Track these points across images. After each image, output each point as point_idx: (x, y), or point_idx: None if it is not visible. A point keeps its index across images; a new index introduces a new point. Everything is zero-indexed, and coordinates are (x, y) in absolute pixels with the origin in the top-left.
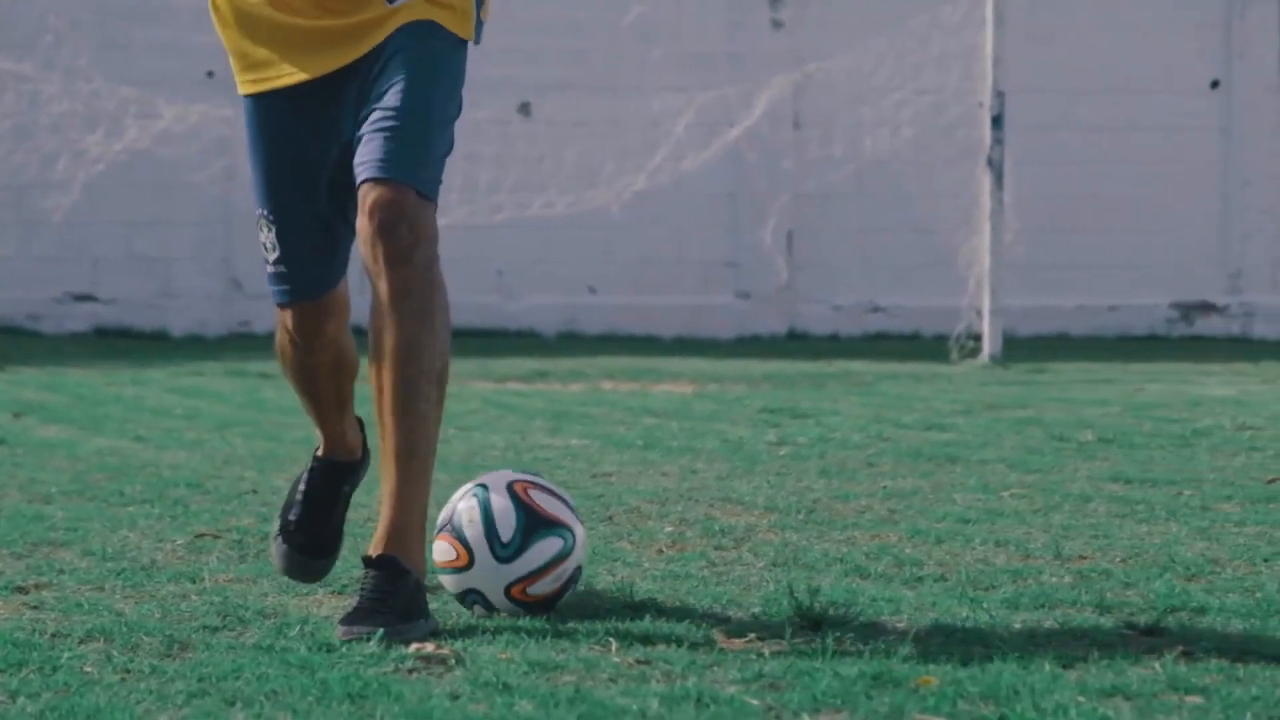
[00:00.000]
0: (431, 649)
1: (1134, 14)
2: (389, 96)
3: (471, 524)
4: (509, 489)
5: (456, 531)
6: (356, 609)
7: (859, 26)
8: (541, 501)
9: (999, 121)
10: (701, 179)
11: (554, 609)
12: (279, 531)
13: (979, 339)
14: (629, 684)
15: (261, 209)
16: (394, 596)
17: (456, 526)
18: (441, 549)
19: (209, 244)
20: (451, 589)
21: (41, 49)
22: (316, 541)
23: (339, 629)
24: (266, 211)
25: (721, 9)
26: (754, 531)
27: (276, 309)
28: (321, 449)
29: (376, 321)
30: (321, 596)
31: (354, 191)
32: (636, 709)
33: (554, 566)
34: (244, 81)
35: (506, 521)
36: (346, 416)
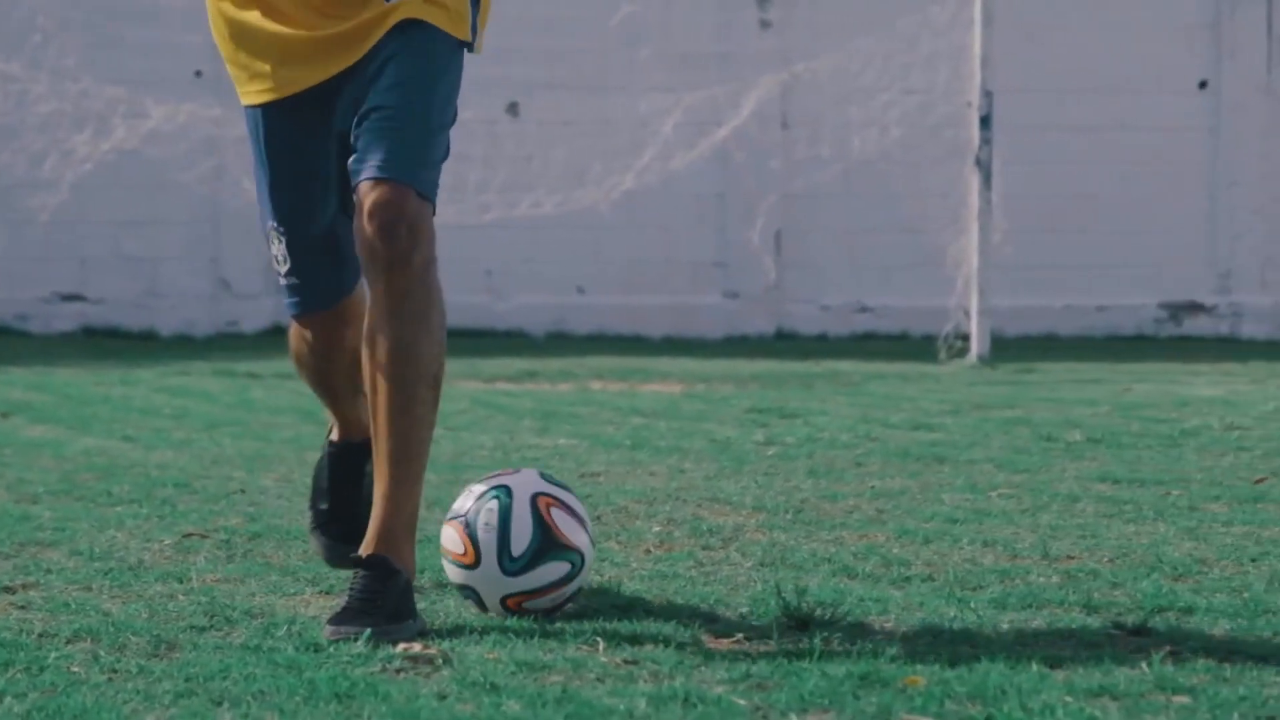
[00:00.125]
0: (419, 649)
1: (1123, 14)
2: (388, 97)
3: (487, 528)
4: (533, 502)
5: (470, 529)
6: (345, 609)
7: (847, 27)
8: (560, 523)
9: (987, 121)
10: (689, 179)
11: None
12: (314, 525)
13: (967, 339)
14: (616, 684)
15: (271, 221)
16: (383, 596)
17: (471, 524)
18: (451, 539)
19: (197, 244)
20: (450, 577)
21: (29, 48)
22: (352, 527)
23: (327, 629)
24: (275, 223)
25: (709, 9)
26: (742, 531)
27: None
28: (336, 434)
29: (373, 322)
30: (309, 596)
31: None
32: (624, 709)
33: (555, 589)
34: (245, 93)
35: (522, 537)
36: (360, 398)
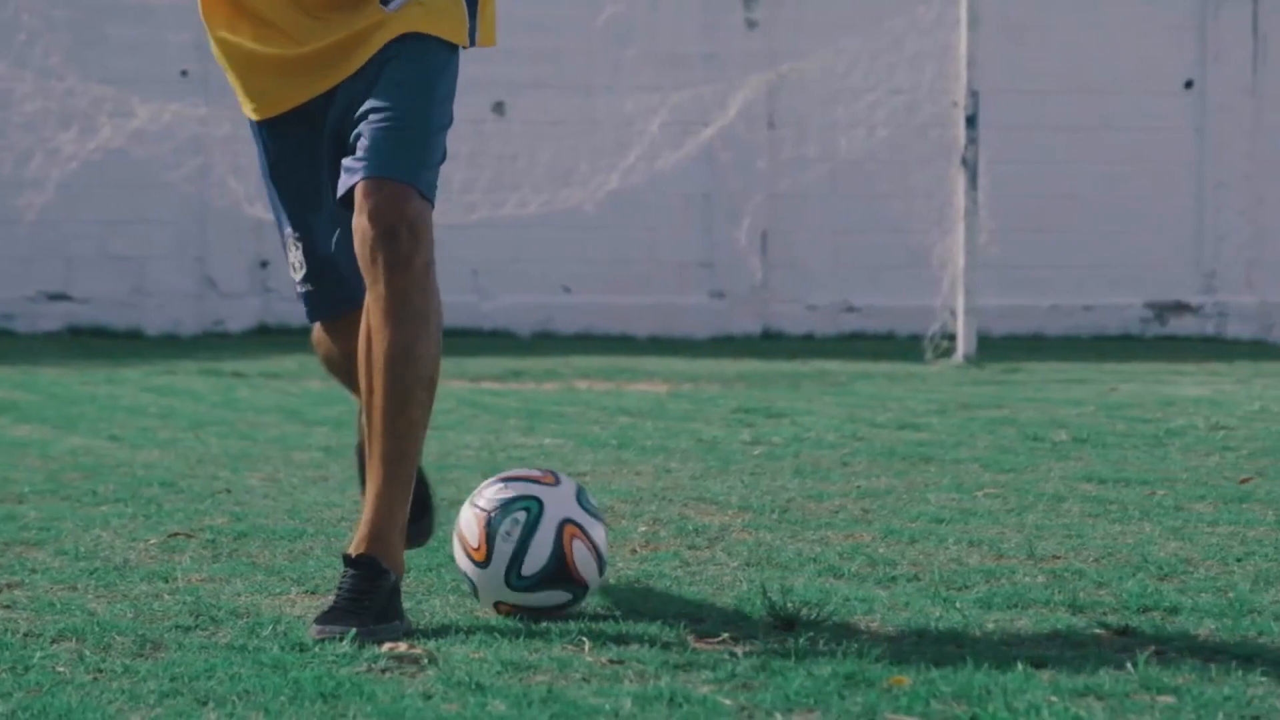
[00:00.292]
0: (404, 648)
1: (1108, 14)
2: (388, 98)
3: (507, 537)
4: (559, 529)
5: (492, 529)
6: (332, 608)
7: (833, 26)
8: (578, 556)
9: (973, 121)
10: (676, 179)
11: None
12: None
13: (953, 339)
14: (602, 684)
15: (288, 228)
16: (370, 596)
17: (494, 524)
18: (471, 530)
19: (183, 243)
20: (455, 559)
21: (15, 47)
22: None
23: (313, 628)
24: (293, 230)
25: (696, 9)
26: (728, 531)
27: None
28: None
29: (371, 322)
30: (294, 596)
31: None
32: (609, 709)
33: (549, 612)
34: (247, 109)
35: (537, 559)
36: None
